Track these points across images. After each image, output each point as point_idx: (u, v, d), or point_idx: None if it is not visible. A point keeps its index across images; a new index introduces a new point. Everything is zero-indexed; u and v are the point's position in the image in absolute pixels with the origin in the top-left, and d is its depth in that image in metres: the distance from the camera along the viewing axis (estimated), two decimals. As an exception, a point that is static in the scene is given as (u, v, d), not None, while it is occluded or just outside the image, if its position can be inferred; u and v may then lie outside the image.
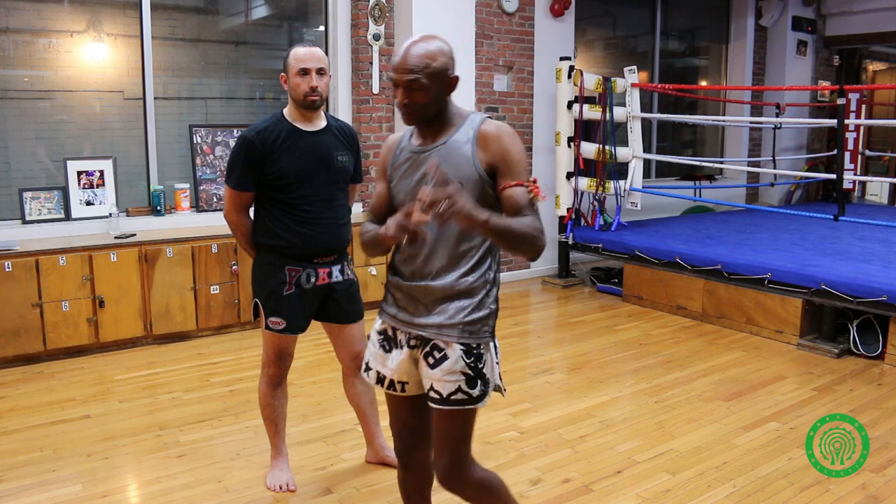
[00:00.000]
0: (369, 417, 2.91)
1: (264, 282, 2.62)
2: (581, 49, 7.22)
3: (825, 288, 4.41)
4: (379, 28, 5.57)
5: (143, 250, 4.38)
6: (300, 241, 2.57)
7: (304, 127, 2.58)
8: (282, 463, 2.81)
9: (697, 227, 6.34)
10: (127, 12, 4.87)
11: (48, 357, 4.17)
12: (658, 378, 3.99)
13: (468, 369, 1.86)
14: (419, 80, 1.77)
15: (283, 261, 2.58)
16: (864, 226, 6.11)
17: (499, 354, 1.96)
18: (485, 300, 1.88)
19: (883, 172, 9.90)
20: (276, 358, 2.68)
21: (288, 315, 2.60)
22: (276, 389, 2.72)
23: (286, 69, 2.53)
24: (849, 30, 8.58)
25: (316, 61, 2.50)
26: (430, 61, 1.78)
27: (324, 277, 2.64)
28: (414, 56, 1.78)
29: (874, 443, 3.17)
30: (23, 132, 4.65)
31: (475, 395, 1.88)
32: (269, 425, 2.77)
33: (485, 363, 1.88)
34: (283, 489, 2.74)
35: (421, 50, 1.79)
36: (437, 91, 1.81)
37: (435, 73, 1.78)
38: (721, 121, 8.08)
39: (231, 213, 2.64)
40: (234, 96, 5.47)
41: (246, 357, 4.29)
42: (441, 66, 1.79)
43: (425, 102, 1.80)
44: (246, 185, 2.56)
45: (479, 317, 1.87)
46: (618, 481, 2.84)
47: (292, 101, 2.56)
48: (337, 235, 2.64)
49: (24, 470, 2.89)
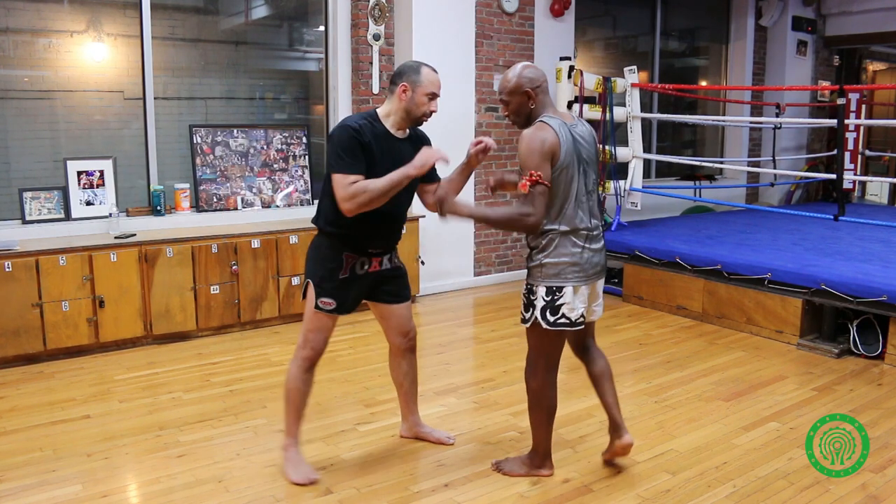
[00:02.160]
0: (409, 396, 3.10)
1: (322, 264, 2.74)
2: (581, 49, 7.22)
3: (825, 288, 4.41)
4: (379, 28, 5.57)
5: (143, 250, 4.38)
6: (364, 235, 2.73)
7: (396, 133, 2.73)
8: (299, 453, 2.86)
9: (697, 227, 6.34)
10: (127, 12, 4.87)
11: (48, 357, 4.17)
12: (658, 378, 3.99)
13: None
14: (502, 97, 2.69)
15: (342, 247, 2.73)
16: (864, 226, 6.11)
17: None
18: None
19: (883, 172, 9.90)
20: (316, 339, 2.75)
21: (339, 297, 2.74)
22: (306, 374, 2.78)
23: (413, 84, 2.65)
24: (849, 30, 8.58)
25: (440, 89, 2.74)
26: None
27: (375, 266, 2.82)
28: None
29: (874, 443, 3.17)
30: (23, 132, 4.65)
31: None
32: (293, 411, 2.80)
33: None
34: (309, 481, 2.77)
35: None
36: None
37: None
38: (721, 121, 8.08)
39: (347, 201, 2.56)
40: (234, 96, 5.47)
41: (246, 357, 4.29)
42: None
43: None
44: (360, 168, 2.58)
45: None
46: (618, 481, 2.84)
47: (404, 111, 2.69)
48: (396, 234, 2.87)
49: (24, 470, 2.89)
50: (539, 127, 2.56)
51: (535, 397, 2.75)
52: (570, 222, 2.60)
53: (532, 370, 2.73)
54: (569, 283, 2.61)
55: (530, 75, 2.65)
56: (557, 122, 2.59)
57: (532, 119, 2.63)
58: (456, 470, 2.91)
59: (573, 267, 2.61)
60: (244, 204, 5.23)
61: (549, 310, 2.61)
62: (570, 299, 2.61)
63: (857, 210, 7.35)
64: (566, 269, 2.60)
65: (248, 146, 5.28)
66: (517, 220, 2.54)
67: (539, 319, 2.63)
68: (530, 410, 2.80)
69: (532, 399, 2.76)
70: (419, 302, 5.66)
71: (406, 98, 2.66)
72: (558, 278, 2.60)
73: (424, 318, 5.25)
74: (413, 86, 2.65)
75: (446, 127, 5.78)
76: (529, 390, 2.76)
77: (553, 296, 2.61)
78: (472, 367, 4.24)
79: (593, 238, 2.67)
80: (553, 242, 2.60)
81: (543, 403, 2.75)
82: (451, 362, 4.26)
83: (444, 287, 5.98)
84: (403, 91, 2.66)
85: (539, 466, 2.86)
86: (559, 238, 2.60)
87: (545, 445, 2.84)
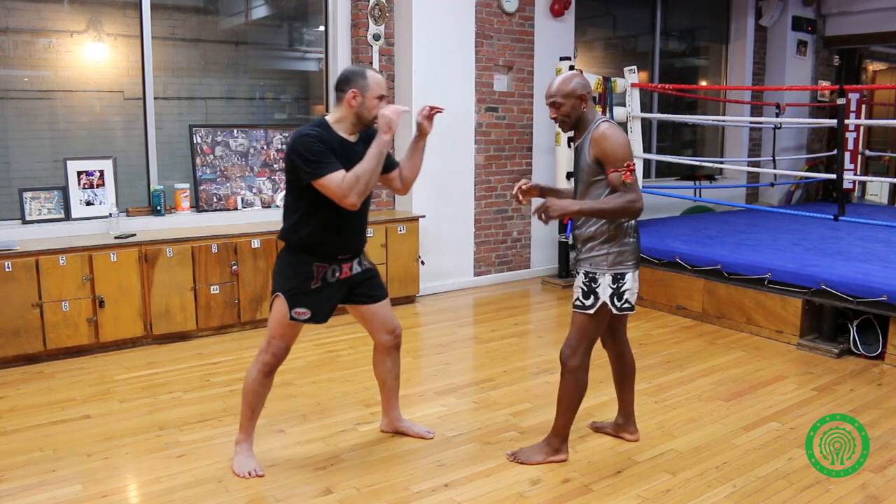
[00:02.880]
0: (392, 392, 3.17)
1: (293, 276, 2.78)
2: (581, 49, 7.22)
3: (825, 288, 4.41)
4: (379, 28, 5.57)
5: (143, 250, 4.38)
6: (331, 243, 2.78)
7: (349, 138, 2.76)
8: (249, 449, 2.92)
9: (697, 227, 6.34)
10: (127, 12, 4.87)
11: (48, 357, 4.17)
12: (658, 378, 3.99)
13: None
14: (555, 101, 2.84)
15: (311, 258, 2.77)
16: (864, 226, 6.11)
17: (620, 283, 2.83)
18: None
19: (883, 172, 9.90)
20: (279, 346, 2.81)
21: (314, 306, 2.79)
22: (266, 378, 2.85)
23: (362, 89, 2.69)
24: (849, 30, 8.58)
25: (386, 90, 2.79)
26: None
27: (346, 272, 2.87)
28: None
29: (874, 443, 3.17)
30: (23, 132, 4.65)
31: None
32: (248, 411, 2.88)
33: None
34: (252, 475, 2.84)
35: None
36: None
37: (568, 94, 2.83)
38: (721, 121, 8.08)
39: (348, 196, 2.61)
40: (234, 96, 5.47)
41: (246, 357, 4.29)
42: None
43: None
44: (338, 164, 2.63)
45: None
46: (618, 481, 2.84)
47: (355, 116, 2.72)
48: (362, 238, 2.91)
49: (24, 470, 2.89)
50: (612, 124, 2.79)
51: (572, 377, 2.87)
52: None
53: (573, 351, 2.86)
54: (629, 270, 2.83)
55: (583, 82, 2.86)
56: (614, 121, 2.86)
57: (582, 122, 2.83)
58: (456, 470, 2.91)
59: (631, 254, 2.84)
60: (244, 204, 5.23)
61: (615, 296, 2.81)
62: (632, 284, 2.84)
63: (857, 210, 7.35)
64: (627, 257, 2.82)
65: (248, 146, 5.28)
66: (629, 207, 2.71)
67: (609, 306, 2.81)
68: (563, 393, 2.91)
69: (569, 380, 2.88)
70: (419, 302, 5.66)
71: (357, 104, 2.70)
72: (621, 266, 2.81)
73: (424, 318, 5.25)
74: (362, 91, 2.70)
75: (446, 127, 5.79)
76: (568, 371, 2.87)
77: (618, 283, 2.81)
78: (472, 367, 4.24)
79: (638, 227, 2.92)
80: (618, 232, 2.81)
81: (579, 383, 2.89)
82: (451, 362, 4.26)
83: (444, 287, 5.98)
84: (353, 97, 2.70)
85: (556, 451, 2.97)
86: (621, 228, 2.81)
87: (566, 429, 2.97)
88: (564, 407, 2.92)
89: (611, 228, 2.79)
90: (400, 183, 2.97)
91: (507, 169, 6.26)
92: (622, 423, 3.20)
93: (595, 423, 3.31)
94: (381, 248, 5.32)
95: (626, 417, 3.19)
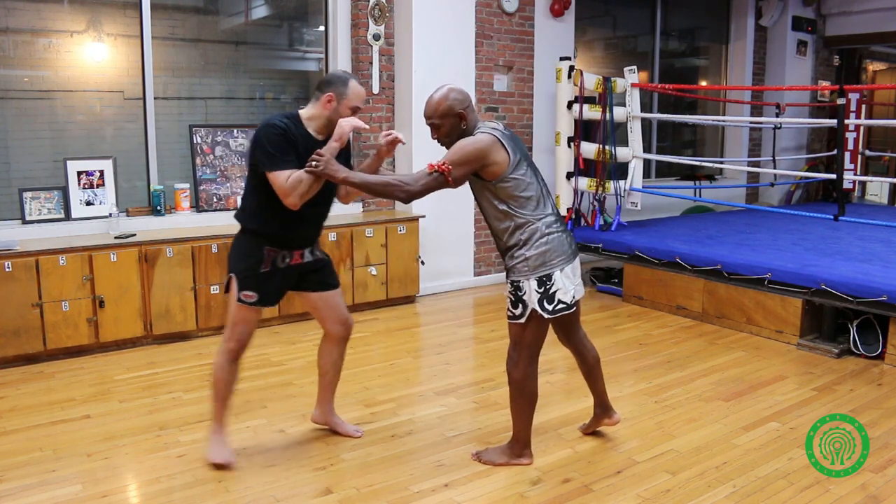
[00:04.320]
0: (332, 384, 3.18)
1: (243, 258, 2.83)
2: (581, 49, 7.22)
3: (825, 288, 4.41)
4: (379, 28, 5.57)
5: (143, 250, 4.38)
6: (286, 233, 2.82)
7: (317, 137, 2.80)
8: (223, 437, 2.95)
9: (697, 227, 6.34)
10: (127, 12, 4.87)
11: (48, 357, 4.17)
12: (658, 378, 3.99)
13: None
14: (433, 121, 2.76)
15: (262, 242, 2.81)
16: (864, 226, 6.11)
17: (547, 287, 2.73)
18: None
19: (883, 172, 9.90)
20: (241, 332, 2.85)
21: (261, 290, 2.82)
22: (232, 364, 2.89)
23: (339, 96, 2.75)
24: (849, 30, 8.58)
25: (364, 102, 2.86)
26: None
27: (297, 258, 2.90)
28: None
29: (874, 443, 3.17)
30: (23, 132, 4.65)
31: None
32: (218, 400, 2.92)
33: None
34: (226, 462, 2.89)
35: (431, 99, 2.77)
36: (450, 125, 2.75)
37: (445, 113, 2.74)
38: (721, 121, 8.07)
39: (290, 195, 2.66)
40: (234, 96, 5.47)
41: (246, 357, 4.27)
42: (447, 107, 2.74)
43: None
44: (293, 163, 2.68)
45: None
46: (618, 481, 2.84)
47: (326, 119, 2.78)
48: (317, 231, 2.96)
49: (24, 470, 2.89)
50: (480, 135, 2.69)
51: (517, 387, 2.84)
52: (542, 213, 2.75)
53: (515, 362, 2.82)
54: (555, 269, 2.72)
55: (460, 97, 2.74)
56: (490, 127, 2.73)
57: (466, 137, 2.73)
58: (456, 470, 2.92)
59: (555, 252, 2.74)
60: (244, 204, 5.23)
61: (545, 299, 2.72)
62: (563, 283, 2.73)
63: (857, 210, 7.35)
64: (550, 256, 2.73)
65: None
66: (395, 187, 2.67)
67: (539, 311, 2.72)
68: (512, 401, 2.89)
69: (515, 389, 2.85)
70: (419, 302, 5.66)
71: (330, 108, 2.76)
72: (545, 267, 2.72)
73: (424, 318, 5.25)
74: (339, 97, 2.75)
75: (446, 127, 5.79)
76: (512, 381, 2.85)
77: (545, 285, 2.72)
78: (472, 367, 4.24)
79: (559, 222, 2.82)
80: (533, 235, 2.72)
81: (526, 393, 2.85)
82: (451, 362, 4.26)
83: (444, 287, 5.98)
84: (329, 101, 2.76)
85: (519, 455, 2.95)
86: (536, 229, 2.73)
87: (525, 434, 2.94)
88: (516, 415, 2.91)
89: (519, 234, 2.73)
90: (344, 192, 3.01)
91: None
92: (600, 412, 3.18)
93: (582, 426, 3.29)
94: (381, 248, 5.32)
95: (602, 406, 3.17)
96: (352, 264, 5.20)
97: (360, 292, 5.26)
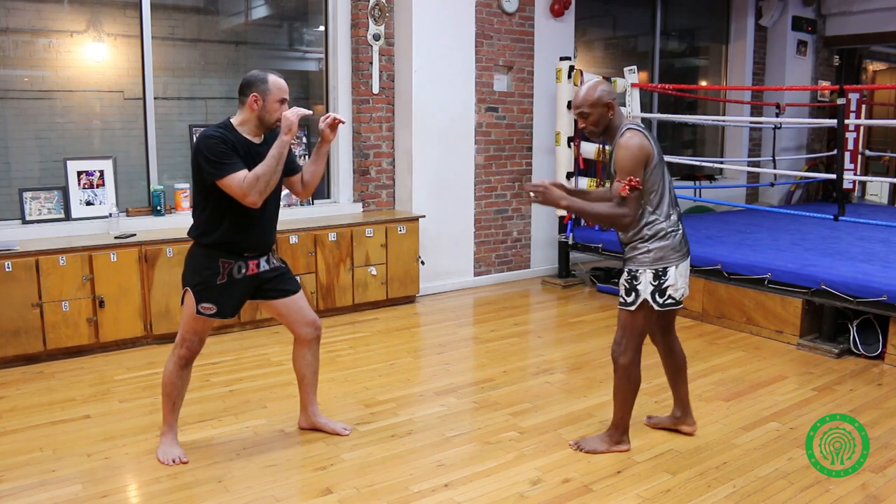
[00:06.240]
0: (309, 387, 3.20)
1: (199, 272, 2.85)
2: (581, 49, 7.22)
3: (825, 288, 4.41)
4: (379, 28, 5.57)
5: (143, 250, 4.38)
6: (238, 241, 2.85)
7: (254, 140, 2.86)
8: (173, 438, 3.00)
9: (697, 227, 6.34)
10: (127, 12, 4.87)
11: (48, 357, 4.17)
12: (658, 378, 3.98)
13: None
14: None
15: (217, 254, 2.84)
16: (864, 226, 6.11)
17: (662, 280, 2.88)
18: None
19: (883, 172, 9.90)
20: (195, 341, 2.90)
21: (219, 302, 2.86)
22: (182, 370, 2.93)
23: (263, 93, 2.81)
24: (849, 30, 8.58)
25: (289, 93, 2.88)
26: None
27: (252, 268, 2.93)
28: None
29: (874, 443, 3.17)
30: (23, 132, 4.65)
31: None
32: (168, 403, 2.95)
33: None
34: (177, 462, 2.92)
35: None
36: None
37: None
38: (721, 121, 8.07)
39: (249, 195, 2.71)
40: (234, 96, 5.43)
41: (246, 357, 4.29)
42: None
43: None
44: (241, 164, 2.74)
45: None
46: (618, 481, 2.84)
47: (257, 119, 2.83)
48: (269, 237, 2.98)
49: (24, 470, 2.89)
50: (635, 132, 2.82)
51: (624, 374, 2.96)
52: (669, 211, 2.89)
53: (623, 349, 2.95)
54: (671, 264, 2.87)
55: (609, 89, 2.90)
56: (637, 125, 2.88)
57: (610, 129, 2.90)
58: (456, 470, 2.92)
59: (673, 249, 2.88)
60: (244, 204, 5.23)
61: (657, 292, 2.88)
62: (675, 279, 2.88)
63: (857, 210, 7.35)
64: (668, 253, 2.87)
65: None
66: (615, 219, 2.83)
67: (650, 302, 2.87)
68: (616, 388, 3.00)
69: (621, 376, 2.97)
70: (419, 302, 5.66)
71: (258, 107, 2.81)
72: (662, 262, 2.87)
73: (424, 318, 5.25)
74: (263, 95, 2.80)
75: (447, 127, 5.79)
76: (618, 368, 2.97)
77: (660, 279, 2.87)
78: (472, 367, 4.24)
79: (680, 221, 2.96)
80: (658, 232, 2.87)
81: (632, 379, 2.97)
82: (451, 362, 4.26)
83: (444, 287, 5.98)
84: (255, 101, 2.81)
85: (618, 442, 3.06)
86: (662, 227, 2.87)
87: (625, 422, 3.05)
88: (619, 402, 3.01)
89: (646, 229, 2.86)
90: (301, 187, 3.06)
91: (507, 169, 6.26)
92: (680, 415, 3.25)
93: (651, 419, 3.35)
94: (381, 248, 5.32)
95: (683, 410, 3.24)
96: (352, 264, 5.20)
97: (360, 292, 5.26)
